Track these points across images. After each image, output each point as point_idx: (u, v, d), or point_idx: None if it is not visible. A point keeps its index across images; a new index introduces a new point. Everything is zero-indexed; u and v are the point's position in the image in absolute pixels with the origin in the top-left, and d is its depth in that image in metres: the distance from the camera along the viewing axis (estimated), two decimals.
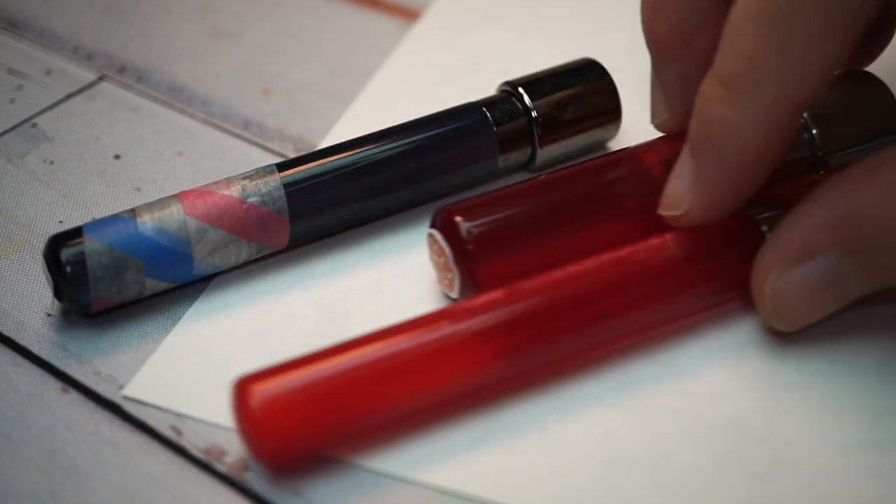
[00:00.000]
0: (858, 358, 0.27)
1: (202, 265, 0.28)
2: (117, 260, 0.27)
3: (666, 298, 0.27)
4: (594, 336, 0.27)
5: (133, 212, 0.28)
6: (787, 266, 0.25)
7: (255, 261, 0.30)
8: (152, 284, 0.28)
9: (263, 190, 0.29)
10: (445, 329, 0.25)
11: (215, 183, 0.29)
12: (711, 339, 0.28)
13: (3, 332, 0.29)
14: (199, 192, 0.29)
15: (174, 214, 0.28)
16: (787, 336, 0.27)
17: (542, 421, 0.26)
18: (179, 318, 0.29)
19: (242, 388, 0.24)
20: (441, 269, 0.28)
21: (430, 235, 0.28)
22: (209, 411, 0.26)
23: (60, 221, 0.32)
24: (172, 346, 0.28)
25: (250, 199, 0.28)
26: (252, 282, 0.30)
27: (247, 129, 0.36)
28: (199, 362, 0.28)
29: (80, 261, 0.27)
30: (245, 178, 0.29)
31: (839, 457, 0.25)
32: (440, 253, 0.28)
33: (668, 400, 0.26)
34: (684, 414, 0.26)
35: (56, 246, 0.27)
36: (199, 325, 0.29)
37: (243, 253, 0.29)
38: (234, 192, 0.29)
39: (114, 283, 0.27)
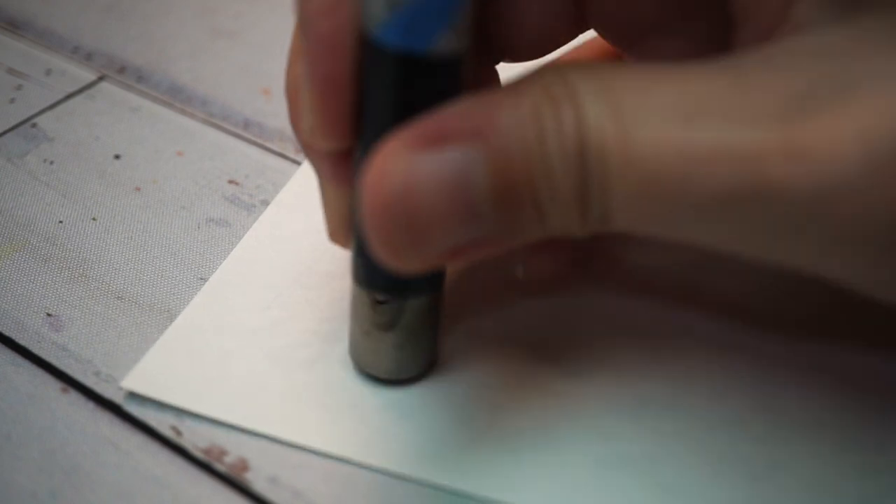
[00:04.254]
0: (857, 358, 0.27)
1: None
2: None
3: None
4: None
5: None
6: (418, 146, 0.21)
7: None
8: None
9: None
10: None
11: None
12: (710, 338, 0.28)
13: (3, 332, 0.29)
14: None
15: None
16: (786, 335, 0.27)
17: (541, 420, 0.26)
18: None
19: None
20: None
21: None
22: (207, 407, 0.26)
23: (60, 221, 0.32)
24: (171, 340, 0.28)
25: None
26: (251, 279, 0.30)
27: (247, 129, 0.36)
28: (197, 357, 0.28)
29: None
30: None
31: (838, 456, 0.25)
32: None
33: (668, 398, 0.26)
34: (684, 412, 0.26)
35: None
36: (198, 320, 0.29)
37: None
38: None
39: None
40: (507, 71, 0.26)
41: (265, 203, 0.33)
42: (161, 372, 0.27)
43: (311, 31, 0.22)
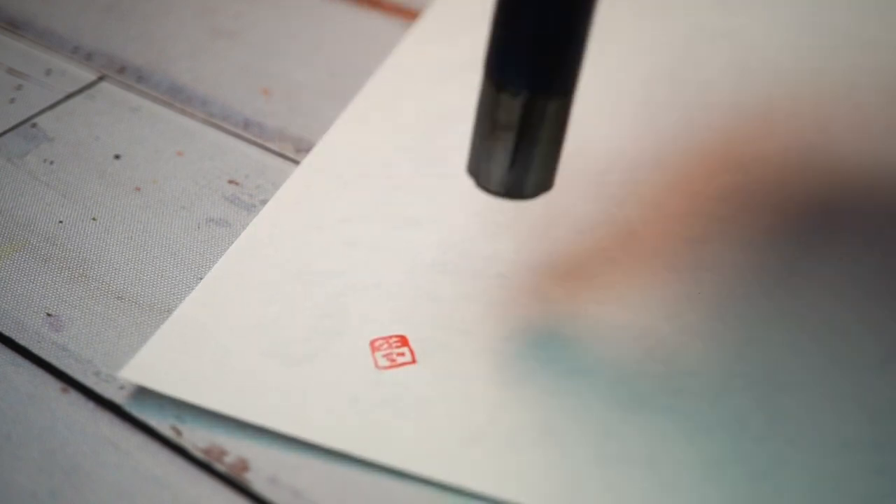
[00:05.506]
0: (857, 358, 0.27)
1: None
2: None
3: None
4: None
5: None
6: None
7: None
8: None
9: None
10: None
11: None
12: (711, 337, 0.28)
13: (3, 332, 0.29)
14: None
15: None
16: (787, 335, 0.27)
17: (542, 418, 0.26)
18: None
19: None
20: None
21: None
22: (205, 399, 0.26)
23: (60, 221, 0.32)
24: (169, 333, 0.28)
25: None
26: (249, 275, 0.30)
27: (247, 129, 0.36)
28: (195, 349, 0.28)
29: None
30: None
31: (838, 456, 0.25)
32: None
33: (668, 398, 0.26)
34: (684, 412, 0.26)
35: None
36: (195, 314, 0.29)
37: None
38: None
39: None
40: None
41: (265, 203, 0.33)
42: (159, 363, 0.27)
43: None
